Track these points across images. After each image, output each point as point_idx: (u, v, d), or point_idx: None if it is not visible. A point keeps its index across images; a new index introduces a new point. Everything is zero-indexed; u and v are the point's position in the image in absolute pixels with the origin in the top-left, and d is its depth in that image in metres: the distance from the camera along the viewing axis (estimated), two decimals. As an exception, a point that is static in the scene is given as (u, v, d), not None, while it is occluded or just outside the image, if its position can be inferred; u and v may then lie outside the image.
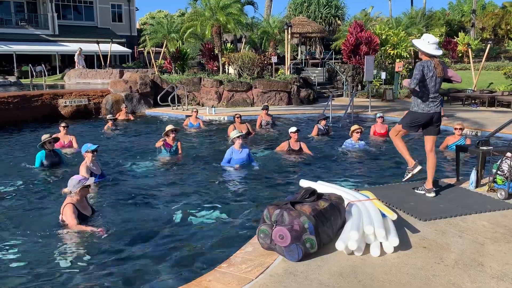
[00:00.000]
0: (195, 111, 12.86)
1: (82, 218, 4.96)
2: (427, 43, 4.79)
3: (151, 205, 5.91)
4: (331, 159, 8.61)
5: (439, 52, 4.83)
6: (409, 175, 5.19)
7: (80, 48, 24.86)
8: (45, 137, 7.81)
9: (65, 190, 4.96)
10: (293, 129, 8.76)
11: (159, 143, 8.55)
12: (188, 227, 5.07)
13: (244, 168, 7.61)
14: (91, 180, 5.12)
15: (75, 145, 9.49)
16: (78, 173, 6.13)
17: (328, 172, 7.59)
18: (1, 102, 13.40)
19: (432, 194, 5.08)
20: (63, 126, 9.62)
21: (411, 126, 5.05)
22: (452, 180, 5.91)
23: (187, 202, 5.95)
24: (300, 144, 8.75)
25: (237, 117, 11.12)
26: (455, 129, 8.96)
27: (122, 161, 8.49)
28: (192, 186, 6.82)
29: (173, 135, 8.51)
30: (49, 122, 13.50)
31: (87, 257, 4.34)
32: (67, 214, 4.87)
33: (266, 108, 12.62)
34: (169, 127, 8.54)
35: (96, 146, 6.86)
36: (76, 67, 24.20)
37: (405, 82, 5.06)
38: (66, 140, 9.54)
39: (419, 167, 5.09)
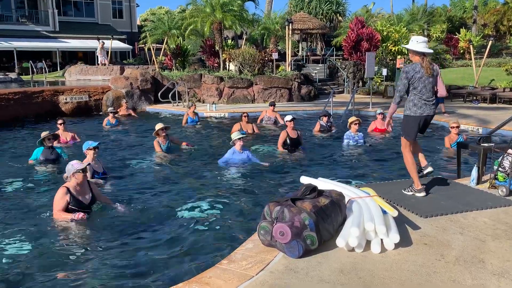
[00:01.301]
0: (194, 106, 12.92)
1: (75, 203, 5.06)
2: (416, 43, 4.81)
3: (150, 202, 5.91)
4: (333, 156, 8.61)
5: (430, 51, 4.83)
6: (410, 193, 5.00)
7: (102, 42, 23.93)
8: (44, 134, 7.82)
9: (64, 175, 5.37)
10: (288, 117, 8.77)
11: (156, 146, 8.48)
12: (188, 224, 5.07)
13: (244, 165, 7.61)
14: (84, 164, 5.27)
15: (77, 138, 9.60)
16: None
17: (329, 169, 7.58)
18: (2, 98, 13.40)
19: (423, 194, 4.93)
20: (60, 123, 9.62)
21: (411, 131, 4.93)
22: (453, 177, 5.90)
23: (187, 199, 5.94)
24: (297, 132, 8.78)
25: (245, 116, 10.84)
26: (452, 127, 8.98)
27: (121, 158, 8.48)
28: (192, 183, 6.81)
29: (164, 133, 8.48)
30: (50, 118, 13.49)
31: (85, 252, 4.34)
32: (56, 196, 5.07)
33: (273, 104, 12.56)
34: (158, 126, 8.48)
35: (98, 143, 6.81)
36: (98, 61, 23.97)
37: (391, 109, 5.02)
38: (67, 136, 9.57)
39: (423, 193, 4.93)
